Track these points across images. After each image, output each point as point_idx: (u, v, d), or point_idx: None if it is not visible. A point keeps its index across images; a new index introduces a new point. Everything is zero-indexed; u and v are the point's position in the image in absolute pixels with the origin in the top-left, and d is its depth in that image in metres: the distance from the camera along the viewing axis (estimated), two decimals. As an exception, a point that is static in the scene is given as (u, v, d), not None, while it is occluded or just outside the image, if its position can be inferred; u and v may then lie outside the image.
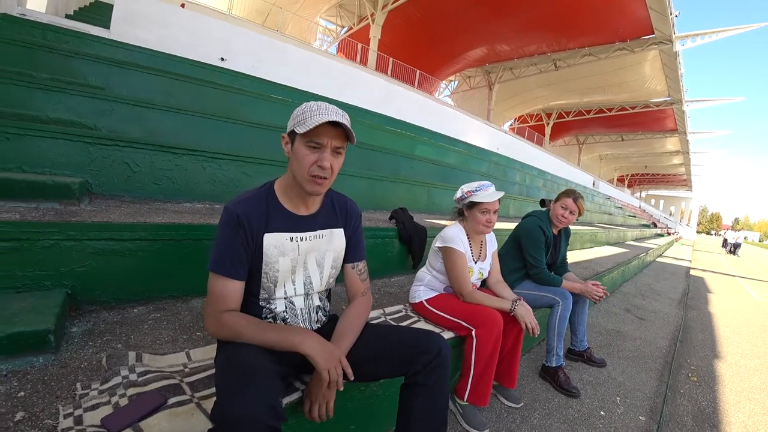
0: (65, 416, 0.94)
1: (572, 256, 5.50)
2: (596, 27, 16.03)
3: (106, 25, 6.02)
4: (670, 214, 53.27)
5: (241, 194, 1.13)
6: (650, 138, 31.25)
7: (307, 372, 1.17)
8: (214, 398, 1.01)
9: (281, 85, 6.17)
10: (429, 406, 1.17)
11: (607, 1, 13.84)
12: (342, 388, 1.01)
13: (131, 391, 0.99)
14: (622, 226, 14.46)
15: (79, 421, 0.92)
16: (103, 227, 1.60)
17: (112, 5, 6.35)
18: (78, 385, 1.07)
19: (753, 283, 9.77)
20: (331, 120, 1.00)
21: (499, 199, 1.96)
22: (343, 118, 1.03)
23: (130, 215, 1.86)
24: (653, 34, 15.39)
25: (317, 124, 0.99)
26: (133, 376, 1.07)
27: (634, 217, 21.78)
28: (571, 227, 2.78)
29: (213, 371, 1.16)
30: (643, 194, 58.51)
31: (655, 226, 26.60)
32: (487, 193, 1.95)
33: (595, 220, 11.86)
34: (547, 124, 28.55)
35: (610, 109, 25.56)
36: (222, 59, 7.22)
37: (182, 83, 4.07)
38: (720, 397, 2.55)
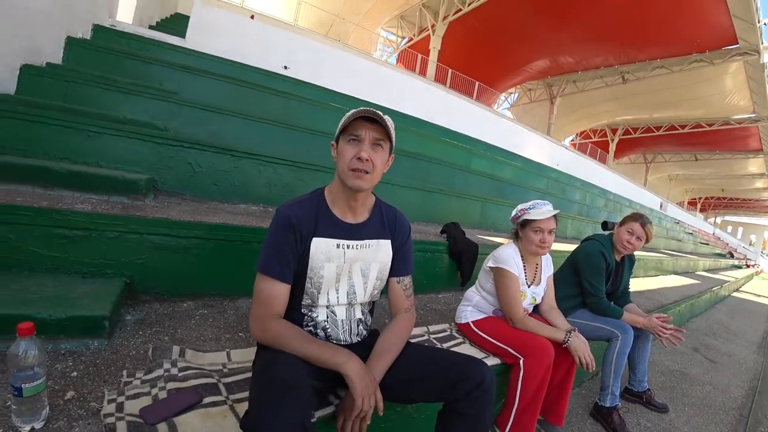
0: (109, 401, 0.98)
1: (634, 284, 5.04)
2: (669, 37, 14.85)
3: (183, 34, 6.54)
4: (750, 244, 47.56)
5: (292, 198, 1.16)
6: (729, 158, 28.28)
7: (342, 387, 1.14)
8: (247, 403, 1.02)
9: (340, 93, 6.32)
10: None
11: (681, 9, 12.78)
12: (369, 422, 0.99)
13: (170, 386, 1.01)
14: (692, 254, 13.13)
15: (120, 408, 0.95)
16: (163, 223, 1.69)
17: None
18: (124, 372, 1.12)
19: None
20: (367, 115, 1.06)
21: (556, 219, 1.84)
22: (379, 114, 1.07)
23: (189, 213, 1.95)
24: (737, 44, 14.01)
25: (353, 118, 1.06)
26: (174, 371, 1.09)
27: (707, 244, 19.72)
28: (636, 253, 2.53)
29: (249, 374, 1.16)
30: (719, 220, 53.11)
31: (732, 256, 23.96)
32: (540, 210, 1.83)
33: (661, 246, 10.85)
34: (612, 140, 26.82)
35: (683, 126, 23.51)
36: (285, 67, 7.56)
37: (247, 89, 4.28)
38: (813, 466, 2.17)
